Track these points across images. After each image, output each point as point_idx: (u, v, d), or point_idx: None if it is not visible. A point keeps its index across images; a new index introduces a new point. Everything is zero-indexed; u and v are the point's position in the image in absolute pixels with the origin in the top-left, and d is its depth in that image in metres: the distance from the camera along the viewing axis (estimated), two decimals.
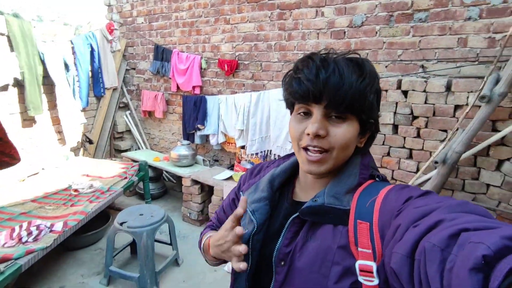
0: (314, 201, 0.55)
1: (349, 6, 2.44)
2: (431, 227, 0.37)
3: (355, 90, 0.50)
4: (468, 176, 2.03)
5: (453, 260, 0.31)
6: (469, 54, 2.04)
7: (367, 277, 0.47)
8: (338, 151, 0.53)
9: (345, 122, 0.52)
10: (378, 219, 0.48)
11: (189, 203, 3.07)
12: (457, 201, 0.41)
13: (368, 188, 0.54)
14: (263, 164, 0.75)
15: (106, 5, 4.18)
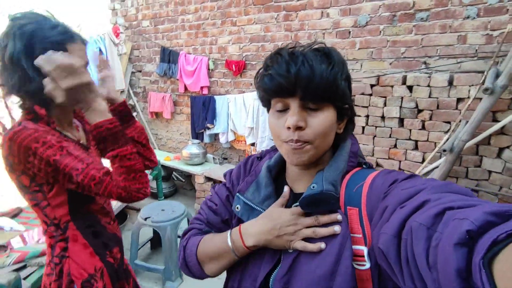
0: (312, 189, 0.54)
1: (354, 7, 2.57)
2: (417, 207, 0.38)
3: (326, 79, 0.50)
4: (471, 164, 2.17)
5: (439, 237, 0.32)
6: (469, 50, 2.18)
7: (359, 261, 0.48)
8: (318, 140, 0.54)
9: (322, 111, 0.53)
10: (366, 204, 0.50)
11: (202, 200, 3.16)
12: (441, 182, 0.43)
13: (355, 174, 0.56)
14: (253, 158, 0.73)
15: (111, 9, 4.26)
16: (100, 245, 1.02)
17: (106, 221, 1.05)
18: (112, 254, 1.05)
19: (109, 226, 1.06)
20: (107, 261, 1.02)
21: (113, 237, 1.07)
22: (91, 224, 1.00)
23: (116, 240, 1.08)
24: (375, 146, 2.52)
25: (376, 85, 2.45)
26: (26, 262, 1.60)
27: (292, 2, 2.85)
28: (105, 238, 1.04)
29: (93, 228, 1.00)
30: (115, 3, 4.19)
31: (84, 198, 0.95)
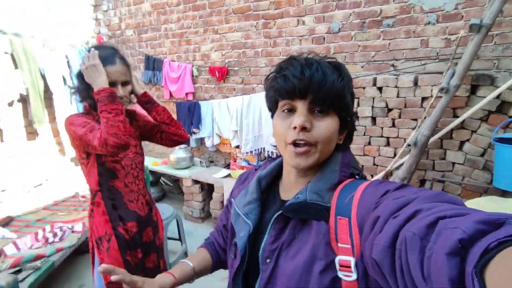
0: (296, 198, 0.57)
1: (327, 15, 2.75)
2: (410, 217, 0.38)
3: (336, 88, 0.54)
4: (437, 157, 2.37)
5: (432, 247, 0.32)
6: (431, 53, 2.39)
7: (346, 272, 0.49)
8: (322, 145, 0.55)
9: (328, 116, 0.56)
10: (356, 214, 0.50)
11: (190, 202, 3.26)
12: (432, 192, 0.43)
13: (347, 185, 0.56)
14: (251, 170, 0.78)
15: (94, 19, 4.31)
16: (115, 216, 1.28)
17: (129, 199, 1.30)
18: (126, 226, 1.29)
19: (131, 204, 1.30)
20: (118, 231, 1.27)
21: (132, 214, 1.31)
22: (113, 198, 1.27)
23: (136, 217, 1.31)
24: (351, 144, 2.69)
25: None
26: (21, 266, 1.67)
27: (270, 10, 3.02)
28: (122, 212, 1.29)
29: (113, 201, 1.28)
30: (98, 13, 4.25)
31: (110, 174, 1.26)
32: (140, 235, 1.33)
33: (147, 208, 1.36)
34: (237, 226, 0.65)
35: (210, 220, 3.28)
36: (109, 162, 1.25)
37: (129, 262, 1.30)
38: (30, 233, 2.12)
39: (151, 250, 1.38)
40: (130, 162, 1.30)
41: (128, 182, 1.29)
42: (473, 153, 2.21)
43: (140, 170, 1.35)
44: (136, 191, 1.32)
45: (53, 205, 2.65)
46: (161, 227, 1.49)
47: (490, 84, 2.10)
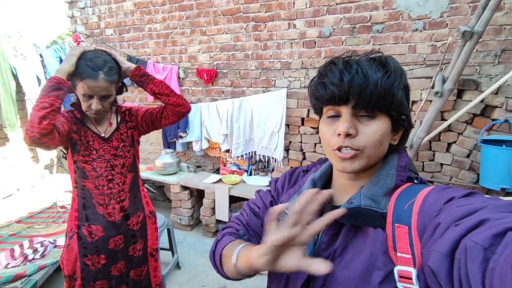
0: (349, 203, 0.54)
1: (318, 19, 2.78)
2: (475, 226, 0.35)
3: (381, 87, 0.50)
4: (426, 158, 2.46)
5: (497, 259, 0.30)
6: (418, 58, 2.49)
7: (406, 283, 0.45)
8: (370, 149, 0.52)
9: (375, 119, 0.52)
10: (417, 222, 0.47)
11: (179, 210, 3.13)
12: (505, 201, 0.39)
13: (406, 190, 0.53)
14: (299, 171, 0.73)
15: (69, 17, 4.06)
16: (83, 216, 1.27)
17: (99, 201, 1.27)
18: (90, 229, 1.27)
19: (100, 208, 1.27)
20: (81, 231, 1.26)
21: (100, 217, 1.27)
22: (84, 197, 1.27)
23: (103, 222, 1.27)
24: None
25: None
26: None
27: (260, 13, 3.00)
28: (90, 213, 1.27)
29: (84, 201, 1.27)
30: (74, 10, 4.01)
31: (81, 174, 1.24)
32: (105, 241, 1.29)
33: (121, 215, 1.31)
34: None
35: (200, 228, 3.17)
36: (79, 162, 1.24)
37: (87, 266, 1.28)
38: (4, 250, 1.91)
39: (119, 258, 1.34)
40: (105, 164, 1.27)
41: (98, 184, 1.26)
42: (460, 154, 2.31)
43: (119, 173, 1.30)
44: (108, 195, 1.27)
45: (28, 217, 2.41)
46: (151, 239, 1.44)
47: (475, 89, 2.22)
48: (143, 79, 1.30)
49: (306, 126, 2.87)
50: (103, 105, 1.19)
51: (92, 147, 1.26)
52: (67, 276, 1.28)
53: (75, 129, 1.24)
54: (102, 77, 1.13)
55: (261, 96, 3.00)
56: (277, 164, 2.99)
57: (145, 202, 1.44)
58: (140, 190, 1.41)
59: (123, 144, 1.31)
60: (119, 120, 1.35)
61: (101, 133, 1.29)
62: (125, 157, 1.31)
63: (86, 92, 1.14)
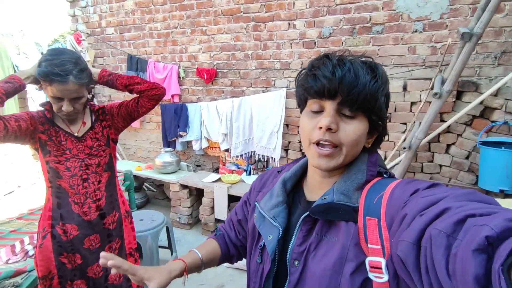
0: (323, 199, 0.56)
1: (318, 19, 2.79)
2: (438, 215, 0.37)
3: (368, 90, 0.52)
4: (425, 159, 2.46)
5: (459, 244, 0.31)
6: (418, 60, 2.49)
7: (377, 273, 0.48)
8: (347, 148, 0.54)
9: (356, 119, 0.54)
10: (385, 214, 0.49)
11: (178, 208, 3.14)
12: (464, 190, 0.42)
13: (375, 184, 0.55)
14: (274, 171, 0.76)
15: (71, 16, 4.07)
16: (57, 215, 1.26)
17: (75, 200, 1.26)
18: (65, 227, 1.26)
19: (76, 206, 1.26)
20: (55, 229, 1.25)
21: (75, 216, 1.27)
22: (59, 196, 1.26)
23: (78, 221, 1.27)
24: None
25: None
26: None
27: (260, 13, 3.00)
28: (65, 212, 1.26)
29: (59, 200, 1.26)
30: (75, 9, 4.02)
31: (55, 174, 1.23)
32: (80, 240, 1.28)
33: (97, 213, 1.30)
34: (264, 230, 0.63)
35: (199, 226, 3.18)
36: (51, 162, 1.22)
37: (63, 264, 1.27)
38: (5, 245, 1.92)
39: (95, 260, 1.31)
40: (79, 163, 1.25)
41: (73, 183, 1.25)
42: (459, 155, 2.32)
43: (94, 173, 1.28)
44: (83, 194, 1.27)
45: (29, 214, 2.42)
46: (127, 238, 1.43)
47: (475, 91, 2.22)
48: (111, 77, 1.30)
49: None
50: (75, 106, 1.18)
51: (64, 146, 1.23)
52: (41, 278, 1.25)
53: (42, 129, 1.21)
54: (72, 80, 1.10)
55: (261, 96, 3.01)
56: (275, 164, 3.00)
57: (121, 201, 1.43)
58: (116, 189, 1.40)
59: (97, 143, 1.30)
60: (94, 119, 1.33)
61: (74, 133, 1.27)
62: (100, 156, 1.30)
63: (55, 95, 1.12)
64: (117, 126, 1.37)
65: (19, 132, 1.13)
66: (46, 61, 1.10)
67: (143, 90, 1.31)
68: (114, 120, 1.36)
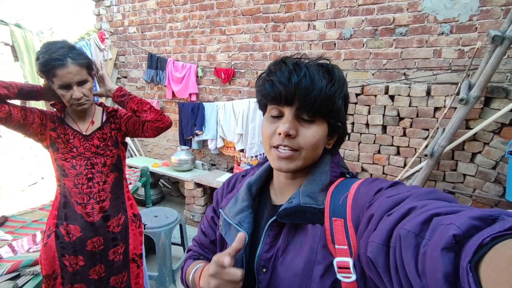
0: (290, 203, 0.55)
1: (339, 20, 2.73)
2: (404, 215, 0.38)
3: (324, 95, 0.52)
4: (448, 168, 2.36)
5: (427, 244, 0.32)
6: (443, 63, 2.38)
7: (345, 273, 0.48)
8: (306, 151, 0.55)
9: (314, 124, 0.54)
10: (351, 214, 0.49)
11: (192, 206, 3.17)
12: (426, 189, 0.43)
13: (339, 185, 0.55)
14: (238, 176, 0.74)
15: (96, 15, 4.20)
16: (62, 214, 1.25)
17: (78, 200, 1.24)
18: (68, 228, 1.25)
19: (78, 207, 1.25)
20: (59, 229, 1.25)
21: (79, 217, 1.25)
22: (65, 195, 1.25)
23: (81, 222, 1.25)
24: (360, 151, 2.66)
25: (361, 94, 2.61)
26: (20, 271, 1.56)
27: (280, 13, 2.98)
28: (69, 212, 1.25)
29: (65, 199, 1.25)
30: (100, 8, 4.15)
31: (62, 172, 1.23)
32: (83, 242, 1.26)
33: (100, 215, 1.27)
34: (229, 238, 0.61)
35: None
36: (59, 159, 1.22)
37: (65, 266, 1.25)
38: (27, 235, 2.00)
39: (98, 261, 1.30)
40: (85, 162, 1.24)
41: (78, 182, 1.23)
42: (485, 165, 2.20)
43: (99, 172, 1.27)
44: (87, 194, 1.24)
45: (50, 205, 2.52)
46: (132, 243, 1.39)
47: (505, 97, 2.10)
48: (124, 99, 1.31)
49: None
50: (83, 92, 1.17)
51: (72, 144, 1.23)
52: (45, 276, 1.25)
53: (53, 127, 1.22)
54: (71, 62, 1.11)
55: None
56: None
57: (129, 204, 1.40)
58: (123, 191, 1.37)
59: (104, 143, 1.29)
60: (104, 119, 1.34)
61: (82, 131, 1.27)
62: (107, 156, 1.29)
63: (61, 82, 1.11)
64: (124, 133, 1.38)
65: (23, 121, 1.14)
66: (42, 54, 1.10)
67: (148, 120, 1.30)
68: (122, 127, 1.36)
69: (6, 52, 2.48)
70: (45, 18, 4.34)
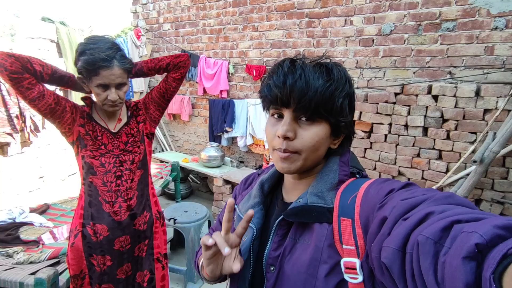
0: (298, 202, 0.56)
1: (378, 15, 2.59)
2: (421, 220, 0.37)
3: (320, 95, 0.51)
4: (497, 175, 2.16)
5: (447, 252, 0.31)
6: (496, 61, 2.17)
7: (352, 274, 0.47)
8: (306, 153, 0.55)
9: (314, 124, 0.54)
10: (359, 215, 0.48)
11: (220, 203, 3.19)
12: (443, 193, 0.41)
13: (350, 185, 0.55)
14: (255, 174, 0.76)
15: (132, 12, 4.34)
16: (88, 214, 1.23)
17: (105, 199, 1.21)
18: (95, 228, 1.21)
19: (106, 205, 1.22)
20: (86, 229, 1.22)
21: (106, 216, 1.22)
22: (91, 194, 1.22)
23: (109, 221, 1.22)
24: (397, 154, 2.52)
25: (400, 94, 2.46)
26: (59, 258, 1.64)
27: (315, 9, 2.89)
28: (95, 212, 1.22)
29: (91, 198, 1.22)
30: (137, 6, 4.28)
31: (89, 169, 1.20)
32: (111, 241, 1.23)
33: (127, 214, 1.24)
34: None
35: None
36: (87, 157, 1.19)
37: (93, 265, 1.23)
38: (66, 222, 2.11)
39: (125, 260, 1.29)
40: (114, 159, 1.22)
41: (106, 180, 1.20)
42: None
43: (128, 170, 1.24)
44: (115, 192, 1.22)
45: None
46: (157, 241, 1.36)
47: None
48: (138, 67, 1.29)
49: (357, 129, 2.70)
50: (119, 94, 1.15)
51: (100, 141, 1.21)
52: (73, 276, 1.24)
53: (82, 122, 1.20)
54: (117, 64, 1.10)
55: None
56: None
57: (153, 201, 1.37)
58: (148, 188, 1.35)
59: (132, 139, 1.27)
60: (129, 115, 1.32)
61: (110, 129, 1.25)
62: (135, 153, 1.27)
63: (101, 81, 1.09)
64: (152, 117, 1.34)
65: (55, 105, 1.12)
66: (89, 50, 1.07)
67: (168, 63, 1.27)
68: (149, 111, 1.33)
69: (51, 49, 2.62)
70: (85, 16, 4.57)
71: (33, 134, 2.59)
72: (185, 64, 1.30)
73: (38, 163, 2.78)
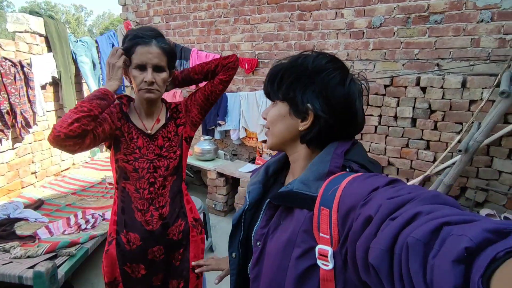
0: (286, 187, 0.60)
1: (368, 8, 2.62)
2: (409, 220, 0.37)
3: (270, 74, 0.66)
4: (482, 164, 2.24)
5: (436, 254, 0.32)
6: (482, 53, 2.24)
7: (324, 261, 0.51)
8: (272, 128, 0.66)
9: (275, 105, 0.66)
10: (337, 207, 0.50)
11: (214, 195, 3.23)
12: (429, 192, 0.42)
13: (337, 177, 0.56)
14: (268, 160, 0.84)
15: (121, 5, 4.27)
16: (122, 221, 1.16)
17: (138, 206, 1.15)
18: (128, 236, 1.15)
19: (138, 214, 1.15)
20: (120, 237, 1.16)
21: (138, 225, 1.15)
22: (124, 200, 1.16)
23: (141, 230, 1.15)
24: (387, 145, 2.59)
25: (390, 86, 2.51)
26: (57, 252, 1.66)
27: (306, 1, 2.90)
28: (128, 219, 1.16)
29: (123, 204, 1.16)
30: None
31: (123, 174, 1.15)
32: (144, 251, 1.18)
33: (160, 223, 1.17)
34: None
35: (233, 214, 3.24)
36: (120, 161, 1.14)
37: (127, 273, 1.19)
38: (61, 217, 2.12)
39: (159, 270, 1.24)
40: (147, 165, 1.15)
41: (139, 187, 1.14)
42: None
43: (161, 177, 1.17)
44: (147, 200, 1.15)
45: (81, 190, 2.65)
46: (193, 250, 1.26)
47: None
48: (185, 72, 1.23)
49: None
50: (156, 79, 1.08)
51: (135, 145, 1.15)
52: (107, 283, 1.20)
53: (119, 125, 1.15)
54: (155, 43, 1.06)
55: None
56: None
57: (188, 208, 1.27)
58: (182, 195, 1.26)
59: (169, 143, 1.20)
60: (168, 116, 1.24)
61: (146, 130, 1.18)
62: (170, 159, 1.19)
63: (138, 61, 1.05)
64: (194, 120, 1.25)
65: (103, 134, 1.08)
66: (131, 31, 1.09)
67: (216, 64, 1.21)
68: (190, 113, 1.24)
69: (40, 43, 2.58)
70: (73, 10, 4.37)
71: (25, 131, 2.57)
72: (234, 65, 1.23)
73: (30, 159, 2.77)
